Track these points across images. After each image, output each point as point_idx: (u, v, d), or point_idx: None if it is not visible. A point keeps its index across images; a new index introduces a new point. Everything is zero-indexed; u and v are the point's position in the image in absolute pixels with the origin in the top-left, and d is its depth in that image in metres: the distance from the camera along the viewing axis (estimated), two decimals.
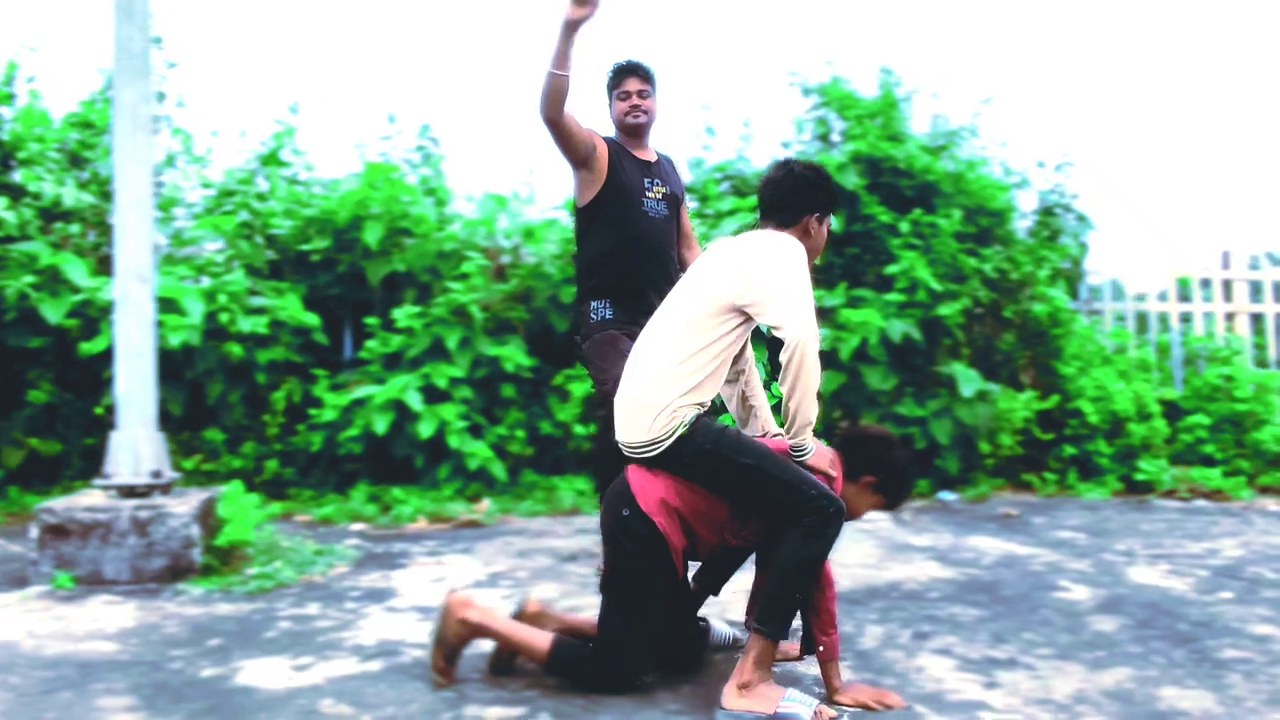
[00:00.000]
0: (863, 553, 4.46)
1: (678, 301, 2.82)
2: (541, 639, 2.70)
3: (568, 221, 6.51)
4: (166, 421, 5.58)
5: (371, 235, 5.89)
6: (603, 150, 3.73)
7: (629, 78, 3.85)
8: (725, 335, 2.69)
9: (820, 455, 2.71)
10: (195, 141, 6.41)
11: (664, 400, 2.63)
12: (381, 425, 5.40)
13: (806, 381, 2.58)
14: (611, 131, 3.89)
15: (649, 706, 2.60)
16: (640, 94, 3.84)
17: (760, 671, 2.54)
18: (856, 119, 6.79)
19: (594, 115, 3.76)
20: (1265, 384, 6.82)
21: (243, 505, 4.09)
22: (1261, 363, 7.45)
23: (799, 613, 2.66)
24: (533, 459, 5.97)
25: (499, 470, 5.59)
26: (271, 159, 6.65)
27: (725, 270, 2.75)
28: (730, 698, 2.52)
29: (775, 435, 2.90)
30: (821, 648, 2.63)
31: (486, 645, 2.88)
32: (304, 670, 2.87)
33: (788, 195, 2.89)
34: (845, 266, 6.50)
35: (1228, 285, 7.63)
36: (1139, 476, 6.29)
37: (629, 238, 3.74)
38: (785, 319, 2.58)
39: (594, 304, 3.73)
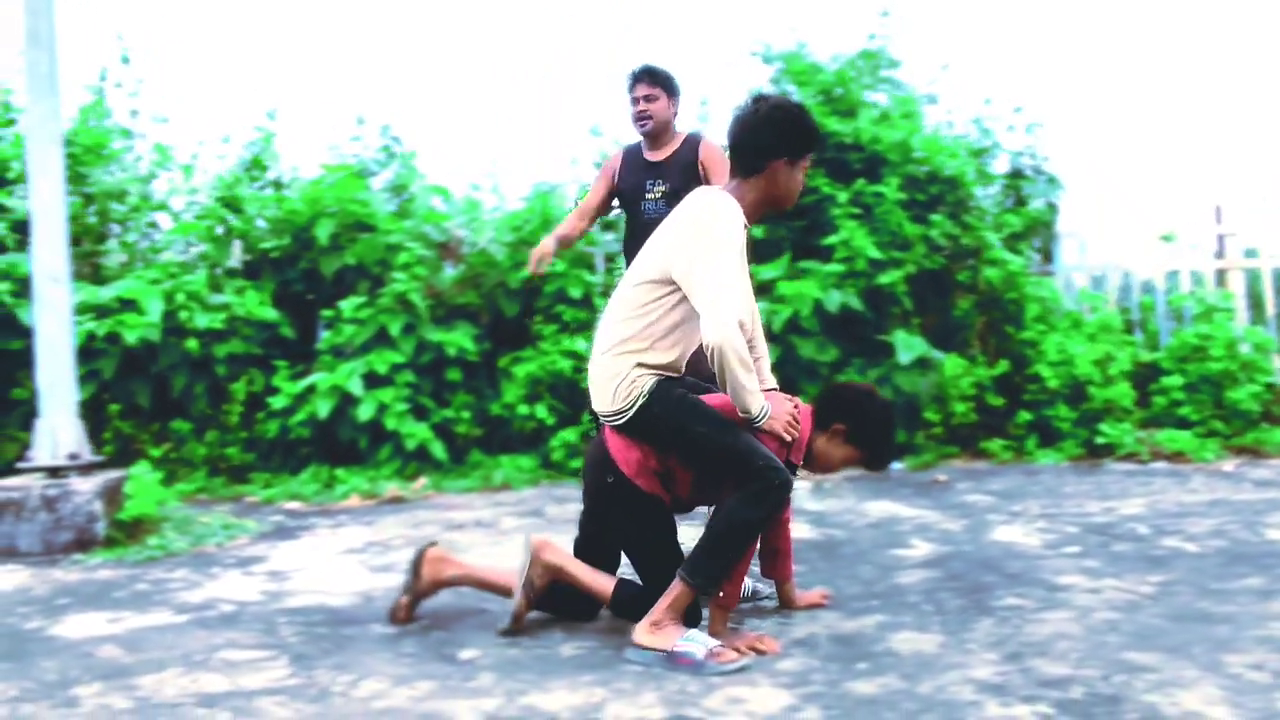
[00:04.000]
0: None
1: (629, 274, 2.88)
2: (607, 582, 2.84)
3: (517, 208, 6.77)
4: (136, 412, 6.06)
5: (323, 231, 6.22)
6: (605, 172, 4.30)
7: (636, 84, 4.12)
8: (673, 308, 2.71)
9: (776, 418, 2.72)
10: (175, 153, 6.85)
11: (620, 370, 2.70)
12: (324, 410, 5.73)
13: (733, 377, 2.58)
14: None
15: (385, 649, 2.80)
16: (646, 98, 4.09)
17: (672, 614, 2.65)
18: (813, 93, 6.79)
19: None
20: (1247, 341, 6.52)
21: (147, 483, 4.45)
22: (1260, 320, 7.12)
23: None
24: (482, 439, 6.20)
25: (438, 450, 5.84)
26: (256, 164, 7.07)
27: (662, 241, 2.77)
28: (641, 634, 2.63)
29: (770, 390, 2.94)
30: (721, 594, 2.71)
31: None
32: (114, 623, 3.16)
33: (754, 136, 2.72)
34: (794, 240, 6.52)
35: (1221, 240, 7.31)
36: (1100, 440, 6.13)
37: (629, 238, 4.19)
38: (705, 315, 2.57)
39: None
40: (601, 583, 2.85)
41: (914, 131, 6.43)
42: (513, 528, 4.52)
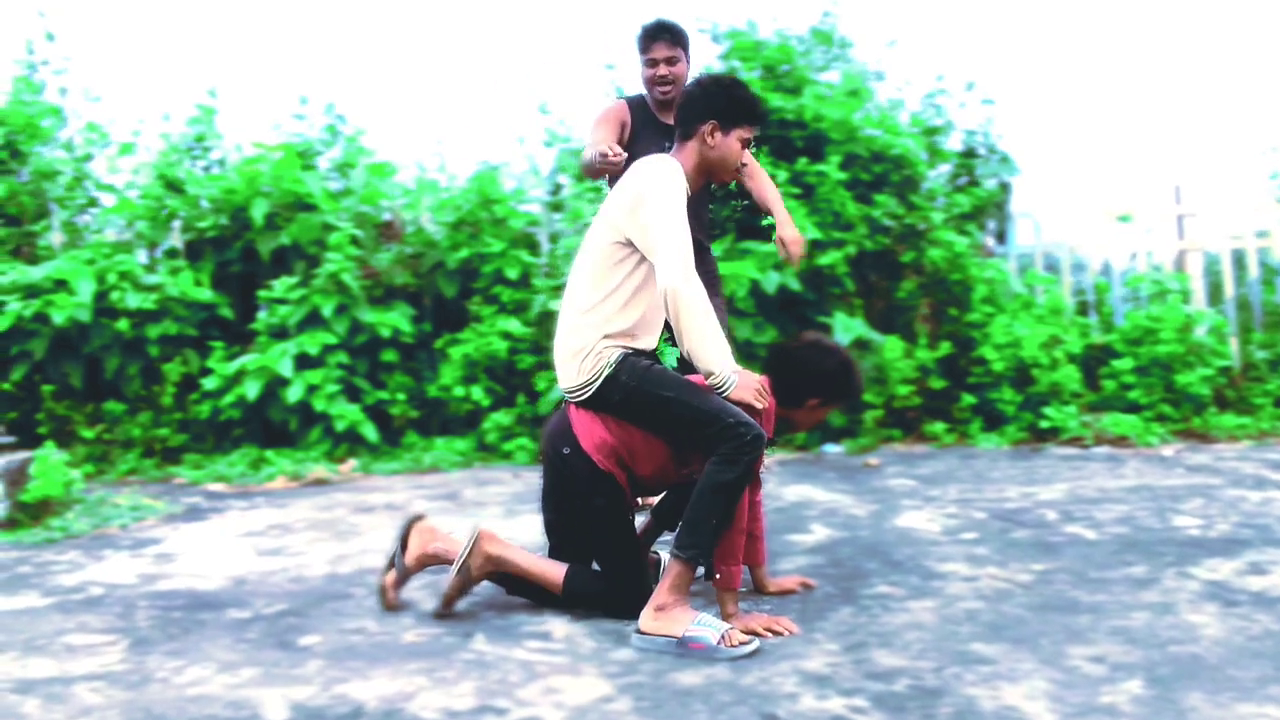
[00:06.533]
0: None
1: (584, 246, 2.88)
2: (556, 570, 2.80)
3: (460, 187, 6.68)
4: (69, 393, 6.03)
5: (258, 211, 6.16)
6: (613, 119, 3.72)
7: (656, 43, 3.68)
8: (630, 274, 2.74)
9: (743, 388, 2.70)
10: (114, 131, 6.80)
11: (585, 344, 2.72)
12: (253, 391, 5.68)
13: (691, 326, 2.61)
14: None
15: (229, 634, 2.75)
16: (668, 61, 3.66)
17: (676, 595, 2.60)
18: (757, 68, 6.68)
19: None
20: (1195, 323, 6.40)
21: (53, 464, 4.41)
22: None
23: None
24: (419, 421, 6.15)
25: (370, 431, 5.80)
26: (199, 142, 7.01)
27: (611, 209, 2.82)
28: (646, 620, 2.58)
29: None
30: (719, 576, 2.69)
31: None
32: None
33: (688, 105, 2.87)
34: (738, 220, 6.42)
35: (1180, 221, 7.19)
36: (1044, 424, 6.04)
37: None
38: (660, 264, 2.63)
39: None
40: (551, 572, 2.80)
41: (855, 108, 6.31)
42: (423, 511, 4.47)
